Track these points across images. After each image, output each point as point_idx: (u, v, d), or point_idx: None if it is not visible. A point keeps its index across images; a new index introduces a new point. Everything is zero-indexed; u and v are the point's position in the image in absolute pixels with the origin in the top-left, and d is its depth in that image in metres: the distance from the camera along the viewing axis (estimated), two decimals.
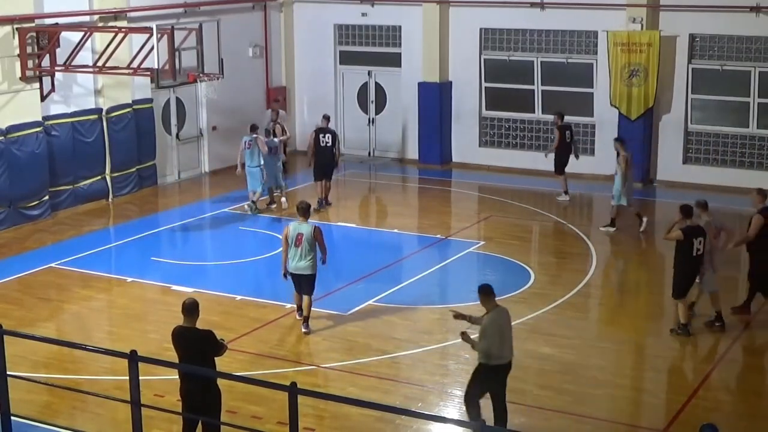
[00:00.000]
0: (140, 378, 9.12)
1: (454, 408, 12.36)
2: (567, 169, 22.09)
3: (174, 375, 10.95)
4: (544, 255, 18.70)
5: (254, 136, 20.77)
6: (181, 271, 17.54)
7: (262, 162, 20.72)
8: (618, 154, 19.45)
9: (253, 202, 20.87)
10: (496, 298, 11.22)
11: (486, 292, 11.09)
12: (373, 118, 26.72)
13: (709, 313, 14.74)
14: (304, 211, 14.54)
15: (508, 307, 15.21)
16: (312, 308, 14.82)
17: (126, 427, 9.64)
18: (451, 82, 25.45)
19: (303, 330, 14.53)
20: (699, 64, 22.97)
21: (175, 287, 16.44)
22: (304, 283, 14.55)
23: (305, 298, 14.61)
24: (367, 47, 26.57)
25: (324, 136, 20.80)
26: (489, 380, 11.11)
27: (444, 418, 11.58)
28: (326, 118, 21.39)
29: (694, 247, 13.98)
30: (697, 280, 14.49)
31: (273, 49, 26.63)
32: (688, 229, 14.07)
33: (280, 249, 14.94)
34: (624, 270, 18.28)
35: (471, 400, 11.22)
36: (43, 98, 20.27)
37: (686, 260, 14.12)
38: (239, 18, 25.29)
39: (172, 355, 10.45)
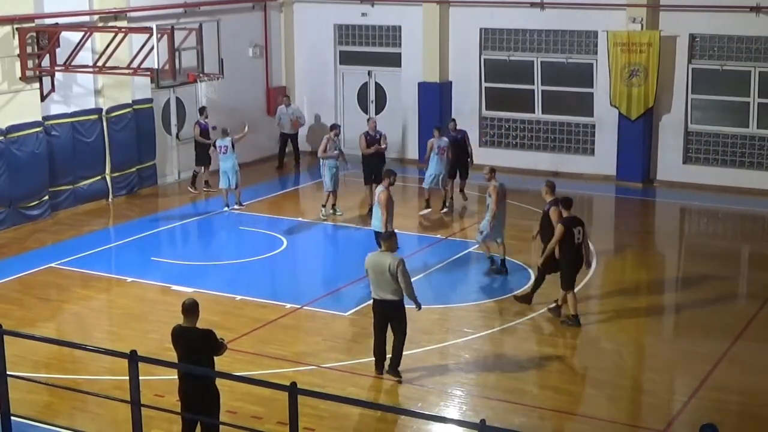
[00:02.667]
0: (140, 378, 9.12)
1: (454, 408, 12.37)
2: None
3: (174, 375, 10.94)
4: None
5: (229, 138, 21.17)
6: (181, 271, 17.54)
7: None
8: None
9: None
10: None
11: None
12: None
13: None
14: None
15: (510, 308, 15.24)
16: (313, 308, 14.86)
17: (126, 427, 9.64)
18: (451, 82, 25.45)
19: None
20: (699, 64, 22.97)
21: (175, 287, 16.44)
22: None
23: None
24: (367, 47, 26.57)
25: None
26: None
27: (444, 418, 11.58)
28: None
29: (575, 236, 14.42)
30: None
31: (273, 49, 26.63)
32: (567, 221, 14.51)
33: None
34: (624, 270, 18.27)
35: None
36: (43, 98, 20.27)
37: (570, 250, 14.49)
38: (239, 18, 25.29)
39: (172, 355, 10.45)
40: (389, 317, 12.82)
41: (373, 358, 13.16)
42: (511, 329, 14.70)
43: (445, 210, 20.90)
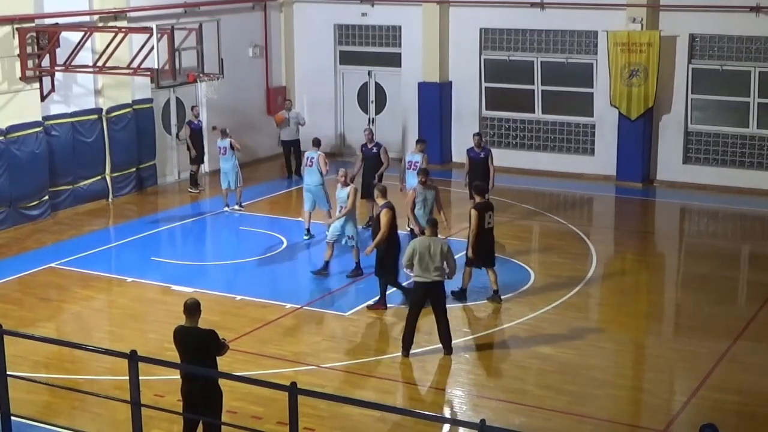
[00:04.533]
0: (140, 378, 9.13)
1: (454, 408, 12.37)
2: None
3: (174, 375, 10.95)
4: (544, 255, 18.68)
5: (228, 140, 21.10)
6: (181, 271, 17.54)
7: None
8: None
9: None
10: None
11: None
12: (373, 118, 26.71)
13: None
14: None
15: (510, 308, 15.26)
16: (313, 308, 14.85)
17: (126, 427, 9.64)
18: (451, 82, 25.45)
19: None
20: (699, 64, 22.96)
21: (175, 287, 16.44)
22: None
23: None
24: (367, 47, 26.57)
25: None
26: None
27: (444, 418, 11.60)
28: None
29: (485, 220, 15.49)
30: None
31: (273, 49, 26.63)
32: (480, 206, 15.60)
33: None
34: (624, 270, 18.27)
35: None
36: (43, 98, 20.26)
37: (480, 233, 15.46)
38: (239, 18, 25.29)
39: (173, 355, 10.45)
40: (433, 298, 13.53)
41: (401, 345, 13.57)
42: (511, 329, 14.71)
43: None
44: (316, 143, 19.58)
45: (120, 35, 20.24)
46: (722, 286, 16.93)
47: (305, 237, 19.08)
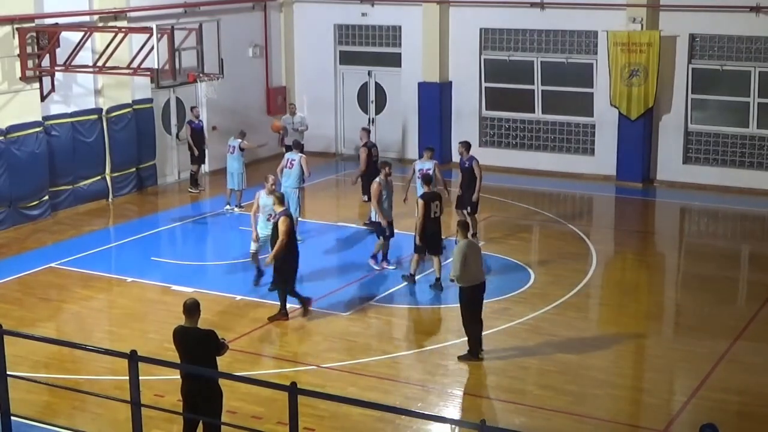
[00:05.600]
0: (140, 378, 9.13)
1: (454, 408, 12.37)
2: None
3: (174, 375, 10.95)
4: (544, 255, 18.69)
5: (239, 141, 21.12)
6: (181, 271, 17.54)
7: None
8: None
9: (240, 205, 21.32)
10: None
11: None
12: (373, 118, 26.72)
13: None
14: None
15: (509, 308, 15.27)
16: (313, 308, 14.88)
17: (126, 427, 9.64)
18: (451, 82, 25.45)
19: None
20: (699, 64, 22.97)
21: (175, 287, 16.44)
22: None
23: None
24: (367, 47, 26.57)
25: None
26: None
27: (444, 418, 11.60)
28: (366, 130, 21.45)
29: (432, 210, 16.14)
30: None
31: (273, 49, 26.63)
32: (427, 196, 16.26)
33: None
34: (624, 270, 18.28)
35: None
36: (43, 98, 20.26)
37: (428, 221, 16.20)
38: (239, 18, 25.29)
39: (173, 355, 10.44)
40: (480, 299, 13.58)
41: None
42: (511, 329, 14.70)
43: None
44: (297, 146, 19.66)
45: (120, 35, 20.24)
46: (722, 286, 16.94)
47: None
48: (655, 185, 23.51)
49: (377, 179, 17.40)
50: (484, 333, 13.70)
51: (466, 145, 19.12)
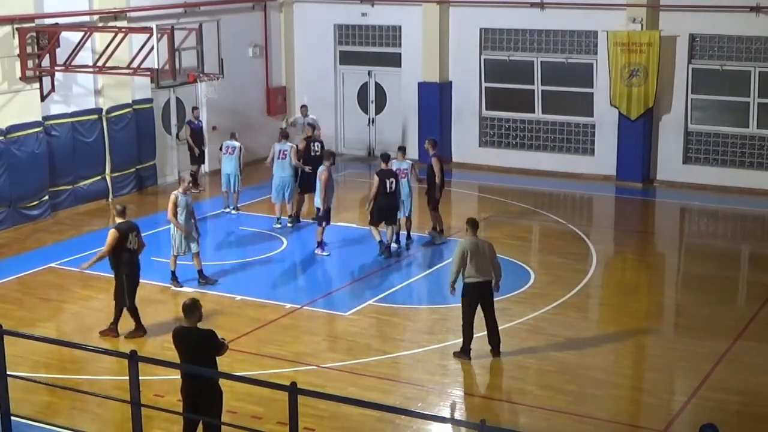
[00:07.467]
0: (140, 378, 9.12)
1: (455, 408, 12.36)
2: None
3: (174, 375, 10.95)
4: (544, 255, 18.70)
5: (236, 143, 21.01)
6: (181, 271, 17.52)
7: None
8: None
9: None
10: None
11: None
12: (373, 118, 26.73)
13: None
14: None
15: (509, 308, 15.26)
16: (313, 308, 14.86)
17: (126, 427, 9.65)
18: (451, 82, 25.45)
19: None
20: (699, 64, 22.97)
21: (175, 287, 16.44)
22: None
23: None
24: (367, 47, 26.58)
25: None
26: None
27: (444, 418, 11.60)
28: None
29: (387, 186, 17.61)
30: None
31: (273, 49, 26.64)
32: (382, 173, 17.75)
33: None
34: (624, 270, 18.28)
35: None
36: (43, 98, 20.26)
37: (382, 196, 17.62)
38: (239, 18, 25.29)
39: (173, 355, 10.44)
40: (485, 298, 13.49)
41: (463, 345, 13.55)
42: (510, 329, 14.69)
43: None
44: (285, 136, 20.29)
45: (120, 35, 20.23)
46: (722, 286, 16.94)
47: (276, 226, 19.93)
48: (655, 185, 23.51)
49: (322, 167, 18.17)
50: (483, 333, 13.68)
51: (432, 142, 19.12)
